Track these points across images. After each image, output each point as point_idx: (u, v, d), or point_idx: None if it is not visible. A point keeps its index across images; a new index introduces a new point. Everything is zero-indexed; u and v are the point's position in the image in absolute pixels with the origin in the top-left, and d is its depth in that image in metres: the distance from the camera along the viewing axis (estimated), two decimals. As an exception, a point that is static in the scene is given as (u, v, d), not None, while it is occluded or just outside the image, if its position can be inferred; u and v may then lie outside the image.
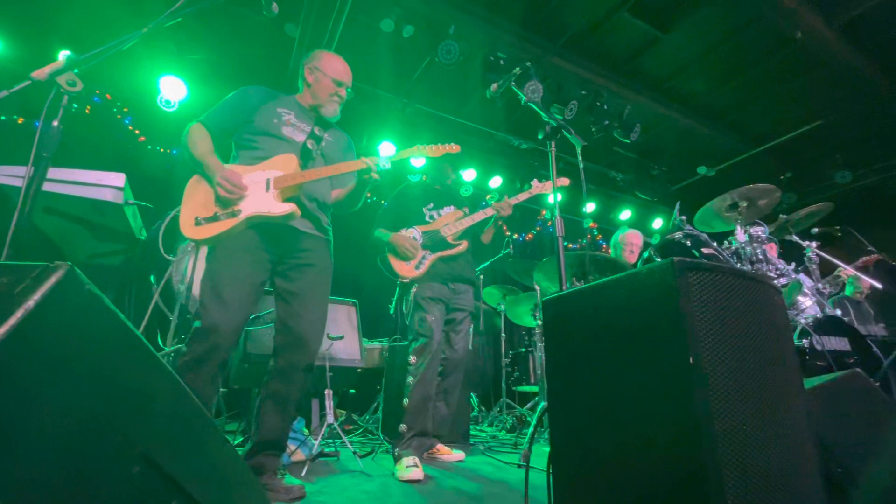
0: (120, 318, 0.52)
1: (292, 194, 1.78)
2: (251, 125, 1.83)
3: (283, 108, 1.90)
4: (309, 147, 1.89)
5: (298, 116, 1.92)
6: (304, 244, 1.83)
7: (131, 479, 0.44)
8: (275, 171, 1.76)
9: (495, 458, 2.57)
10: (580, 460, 0.98)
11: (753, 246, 2.56)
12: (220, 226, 1.67)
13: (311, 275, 1.82)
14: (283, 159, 1.79)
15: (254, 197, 1.71)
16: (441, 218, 2.58)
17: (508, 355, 4.57)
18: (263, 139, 1.82)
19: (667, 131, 5.36)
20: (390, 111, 4.69)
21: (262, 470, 1.66)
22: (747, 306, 0.85)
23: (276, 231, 1.76)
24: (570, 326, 1.07)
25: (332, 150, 1.99)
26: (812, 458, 0.88)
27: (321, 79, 1.95)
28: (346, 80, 1.98)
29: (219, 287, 1.63)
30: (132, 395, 0.43)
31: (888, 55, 4.23)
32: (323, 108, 1.96)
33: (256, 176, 1.75)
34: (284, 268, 1.80)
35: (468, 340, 2.66)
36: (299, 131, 1.90)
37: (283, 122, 1.86)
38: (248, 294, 1.68)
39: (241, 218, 1.68)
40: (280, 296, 1.80)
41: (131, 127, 4.13)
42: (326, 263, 1.90)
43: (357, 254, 4.96)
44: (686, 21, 3.92)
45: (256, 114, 1.84)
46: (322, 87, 1.95)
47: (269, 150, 1.80)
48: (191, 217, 1.67)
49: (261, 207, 1.71)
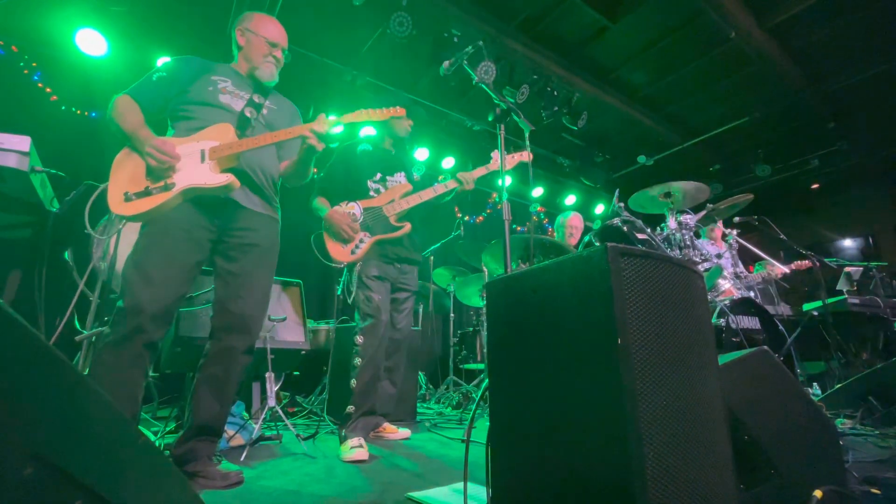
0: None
1: (230, 165, 1.67)
2: (185, 95, 1.72)
3: (219, 76, 1.79)
4: (247, 115, 1.78)
5: (235, 84, 1.82)
6: (248, 222, 1.73)
7: (24, 482, 0.39)
8: (209, 141, 1.66)
9: (440, 435, 2.63)
10: (516, 435, 1.02)
11: (682, 232, 2.75)
12: (153, 200, 1.55)
13: (254, 255, 1.73)
14: (218, 129, 1.68)
15: (188, 169, 1.60)
16: (387, 192, 2.42)
17: (457, 335, 4.66)
18: (199, 109, 1.71)
19: (610, 120, 5.57)
20: (338, 83, 4.50)
21: (196, 456, 1.58)
22: (672, 290, 0.91)
23: (216, 206, 1.66)
24: (512, 307, 1.09)
25: (275, 118, 1.88)
26: (724, 429, 0.97)
27: (253, 40, 1.86)
28: (280, 41, 1.89)
29: (145, 265, 1.52)
30: (16, 391, 0.38)
31: (810, 58, 4.62)
32: (258, 71, 1.86)
33: (190, 147, 1.63)
34: (225, 247, 1.70)
35: (411, 320, 2.64)
36: (237, 98, 1.79)
37: (220, 90, 1.76)
38: (180, 273, 1.58)
39: (176, 191, 1.57)
40: (220, 276, 1.71)
41: (41, 84, 3.64)
42: (272, 243, 1.81)
43: (303, 232, 4.81)
44: (633, 12, 4.05)
45: (191, 84, 1.73)
46: (254, 49, 1.85)
47: (205, 120, 1.69)
48: (119, 192, 1.55)
49: (196, 179, 1.60)
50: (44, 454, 0.38)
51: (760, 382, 1.30)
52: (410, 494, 1.46)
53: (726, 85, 5.00)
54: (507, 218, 1.71)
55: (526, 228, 6.75)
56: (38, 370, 0.40)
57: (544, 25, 4.22)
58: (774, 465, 1.20)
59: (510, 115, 1.88)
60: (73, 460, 0.41)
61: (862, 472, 1.59)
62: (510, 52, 4.32)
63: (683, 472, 0.80)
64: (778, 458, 1.21)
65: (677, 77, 4.91)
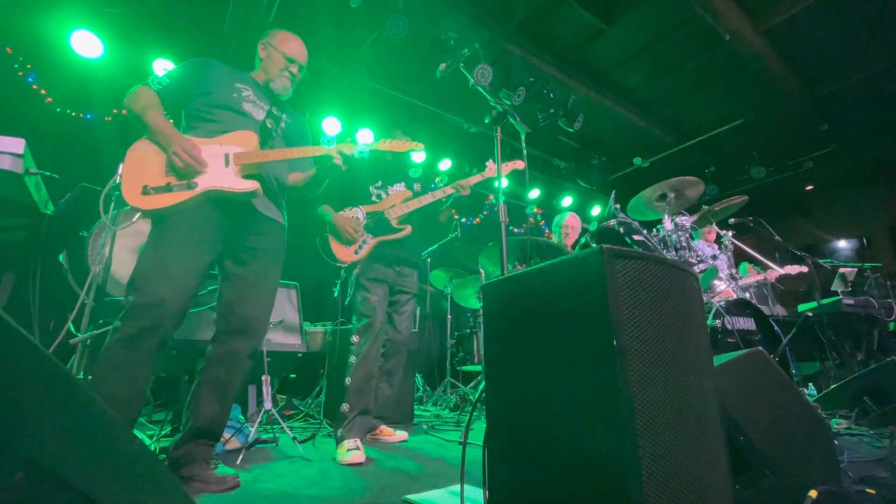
0: None
1: (252, 172, 1.71)
2: (209, 97, 1.75)
3: (241, 84, 1.85)
4: (268, 126, 1.85)
5: (256, 94, 1.88)
6: (261, 227, 1.77)
7: (15, 488, 0.39)
8: (233, 146, 1.69)
9: (437, 437, 2.63)
10: (513, 437, 1.02)
11: (679, 234, 2.76)
12: (173, 197, 1.56)
13: (264, 260, 1.76)
14: (242, 135, 1.72)
15: (212, 171, 1.63)
16: (388, 198, 2.51)
17: (454, 336, 4.65)
18: (223, 113, 1.75)
19: (606, 122, 5.59)
20: (335, 85, 4.50)
21: (192, 459, 1.57)
22: (668, 292, 0.91)
23: (234, 209, 1.68)
24: (508, 309, 1.09)
25: (290, 132, 1.97)
26: (719, 430, 0.97)
27: (273, 54, 1.92)
28: (299, 59, 1.95)
29: (165, 260, 1.51)
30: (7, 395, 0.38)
31: (804, 61, 4.66)
32: (273, 84, 1.92)
33: (213, 149, 1.66)
34: (236, 250, 1.72)
35: (411, 322, 2.66)
36: (259, 108, 1.86)
37: (243, 98, 1.81)
38: (196, 273, 1.58)
39: (199, 191, 1.59)
40: (228, 279, 1.72)
41: (36, 86, 3.62)
42: (280, 249, 1.85)
43: (300, 235, 4.79)
44: (628, 15, 4.07)
45: (216, 87, 1.77)
46: (273, 62, 1.92)
47: (229, 125, 1.73)
48: (137, 185, 1.54)
49: (220, 182, 1.63)
50: (35, 458, 0.38)
51: (756, 383, 1.31)
52: (407, 497, 1.46)
53: (721, 87, 5.03)
54: (504, 220, 1.72)
55: (523, 230, 6.76)
56: (30, 373, 0.40)
57: (540, 28, 4.23)
58: (770, 466, 1.20)
59: (507, 117, 1.89)
60: (65, 465, 0.40)
61: (857, 473, 1.60)
62: (506, 55, 4.33)
63: (679, 473, 0.81)
64: (773, 458, 1.21)
65: (672, 79, 4.94)
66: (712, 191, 6.42)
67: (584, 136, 5.76)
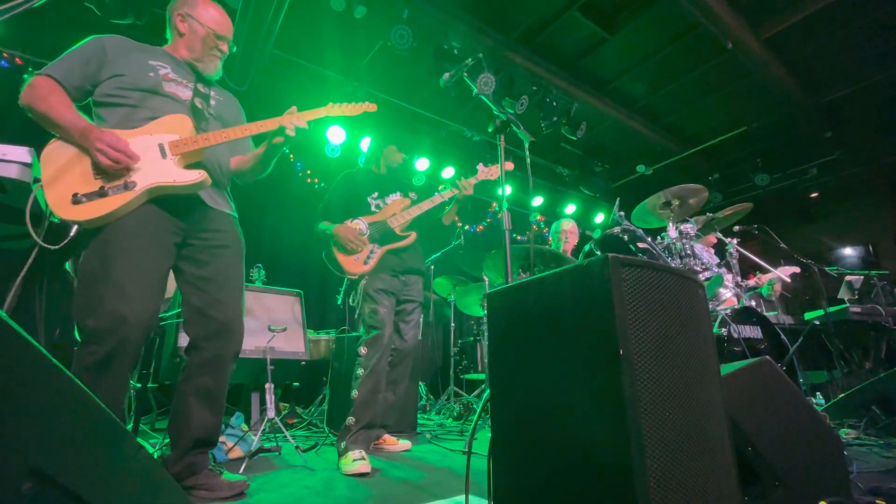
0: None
1: (195, 160, 1.53)
2: (120, 78, 1.52)
3: (156, 61, 1.60)
4: (198, 106, 1.63)
5: (176, 70, 1.64)
6: (215, 223, 1.62)
7: (22, 498, 0.39)
8: (167, 134, 1.50)
9: (441, 446, 2.61)
10: (518, 446, 1.01)
11: (683, 242, 2.75)
12: (111, 202, 1.37)
13: (225, 257, 1.62)
14: (174, 120, 1.52)
15: (149, 166, 1.43)
16: (388, 207, 2.51)
17: (457, 344, 4.63)
18: (141, 96, 1.52)
19: (609, 130, 5.62)
20: (339, 94, 4.53)
21: (196, 470, 1.55)
22: (673, 300, 0.91)
23: (182, 206, 1.52)
24: (513, 317, 1.09)
25: (223, 110, 1.75)
26: (726, 439, 0.96)
27: (198, 29, 1.68)
28: (227, 34, 1.73)
29: (118, 274, 1.35)
30: (15, 404, 0.38)
31: (806, 68, 4.67)
32: (201, 65, 1.70)
33: (144, 140, 1.46)
34: (192, 250, 1.58)
35: (418, 331, 2.65)
36: (183, 87, 1.63)
37: (161, 78, 1.58)
38: (156, 284, 1.45)
39: (139, 191, 1.40)
40: (189, 282, 1.57)
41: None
42: (239, 244, 1.71)
43: (302, 242, 4.81)
44: (631, 24, 4.10)
45: (125, 67, 1.53)
46: (199, 40, 1.68)
47: (153, 110, 1.52)
48: (65, 193, 1.34)
49: (162, 177, 1.44)
50: (43, 469, 0.38)
51: (763, 392, 1.30)
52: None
53: (724, 95, 5.04)
54: (508, 227, 1.71)
55: (526, 238, 6.76)
56: (38, 383, 0.40)
57: (543, 37, 4.27)
58: (778, 477, 1.19)
59: (510, 126, 1.89)
60: (72, 475, 0.40)
61: (866, 483, 1.57)
62: (509, 64, 4.36)
63: (686, 483, 0.80)
64: (781, 469, 1.20)
65: (675, 87, 4.96)
66: (716, 198, 6.41)
67: (588, 143, 5.78)
